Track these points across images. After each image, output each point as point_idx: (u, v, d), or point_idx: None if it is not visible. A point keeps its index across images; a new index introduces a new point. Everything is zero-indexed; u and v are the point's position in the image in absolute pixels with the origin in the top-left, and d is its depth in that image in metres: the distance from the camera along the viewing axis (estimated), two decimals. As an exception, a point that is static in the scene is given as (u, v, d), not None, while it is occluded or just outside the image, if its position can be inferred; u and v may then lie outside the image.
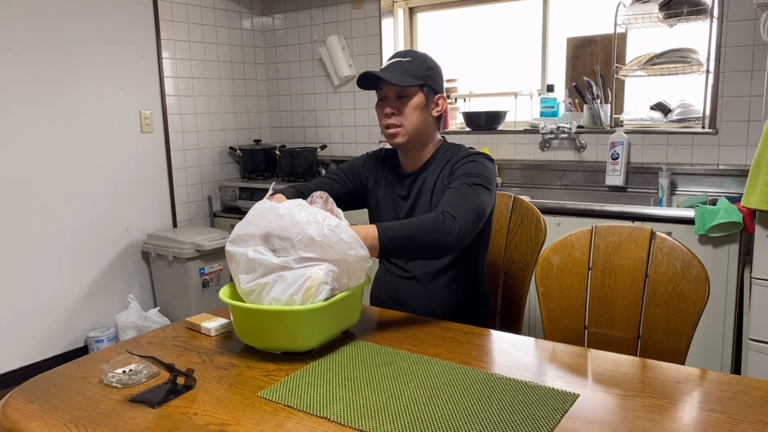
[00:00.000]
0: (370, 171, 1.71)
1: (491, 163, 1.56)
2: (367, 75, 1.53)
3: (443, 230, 1.35)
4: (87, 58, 3.02)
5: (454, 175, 1.52)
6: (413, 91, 1.54)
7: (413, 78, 1.52)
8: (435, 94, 1.59)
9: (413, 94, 1.54)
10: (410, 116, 1.54)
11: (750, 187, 1.88)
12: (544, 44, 3.16)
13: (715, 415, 0.98)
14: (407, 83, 1.51)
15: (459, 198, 1.42)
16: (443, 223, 1.36)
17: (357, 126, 3.68)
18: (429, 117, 1.58)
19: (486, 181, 1.49)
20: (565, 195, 2.95)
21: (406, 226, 1.37)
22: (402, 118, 1.54)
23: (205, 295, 3.19)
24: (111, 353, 1.29)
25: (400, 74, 1.51)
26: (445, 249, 1.39)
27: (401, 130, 1.54)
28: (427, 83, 1.55)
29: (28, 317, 2.87)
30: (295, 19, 3.82)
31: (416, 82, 1.53)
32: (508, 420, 0.97)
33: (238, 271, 1.25)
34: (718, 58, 2.55)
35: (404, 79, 1.51)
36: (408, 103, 1.54)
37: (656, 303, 1.43)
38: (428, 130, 1.60)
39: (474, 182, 1.47)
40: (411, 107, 1.54)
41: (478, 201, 1.43)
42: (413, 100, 1.54)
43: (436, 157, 1.62)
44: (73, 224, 3.02)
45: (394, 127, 1.55)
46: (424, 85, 1.55)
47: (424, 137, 1.60)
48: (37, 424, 1.02)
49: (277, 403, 1.05)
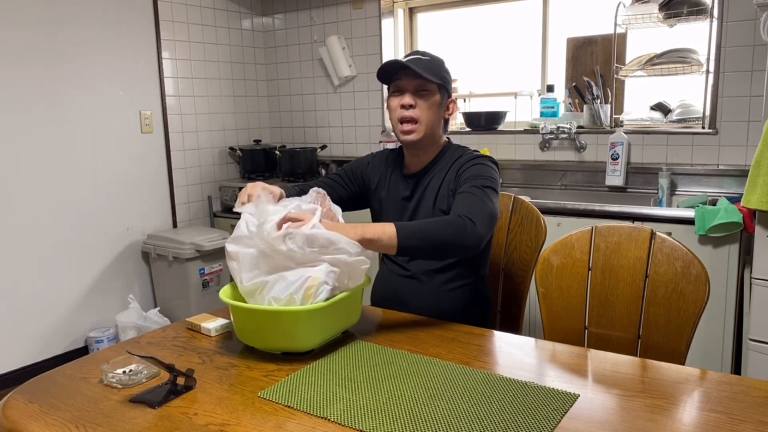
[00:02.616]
0: (373, 172, 1.71)
1: (496, 166, 1.57)
2: (390, 64, 1.52)
3: (464, 233, 1.35)
4: (87, 58, 3.02)
5: (462, 178, 1.52)
6: (433, 88, 1.53)
7: (435, 76, 1.52)
8: (449, 96, 1.60)
9: (433, 92, 1.54)
10: (427, 112, 1.53)
11: (750, 187, 1.88)
12: (544, 44, 3.16)
13: (716, 415, 0.98)
14: (432, 78, 1.51)
15: (475, 202, 1.43)
16: (464, 226, 1.36)
17: (357, 126, 3.69)
18: (441, 118, 1.59)
19: (495, 184, 1.50)
20: (565, 195, 2.95)
21: (425, 226, 1.37)
22: (419, 111, 1.52)
23: (205, 295, 3.19)
24: (111, 353, 1.29)
25: (422, 69, 1.50)
26: (464, 251, 1.39)
27: (417, 127, 1.53)
28: (444, 85, 1.56)
29: (28, 317, 2.87)
30: (295, 19, 3.82)
31: (437, 80, 1.53)
32: (508, 420, 0.97)
33: (241, 270, 1.25)
34: (718, 58, 2.55)
35: (430, 75, 1.51)
36: (428, 98, 1.53)
37: (656, 303, 1.43)
38: (438, 132, 1.61)
39: (484, 185, 1.47)
40: (430, 102, 1.53)
41: (491, 205, 1.44)
42: (434, 98, 1.54)
43: (441, 157, 1.62)
44: (73, 224, 3.02)
45: (411, 121, 1.53)
46: (442, 86, 1.55)
47: (434, 137, 1.60)
48: (37, 424, 1.02)
49: (277, 404, 1.05)
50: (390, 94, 1.58)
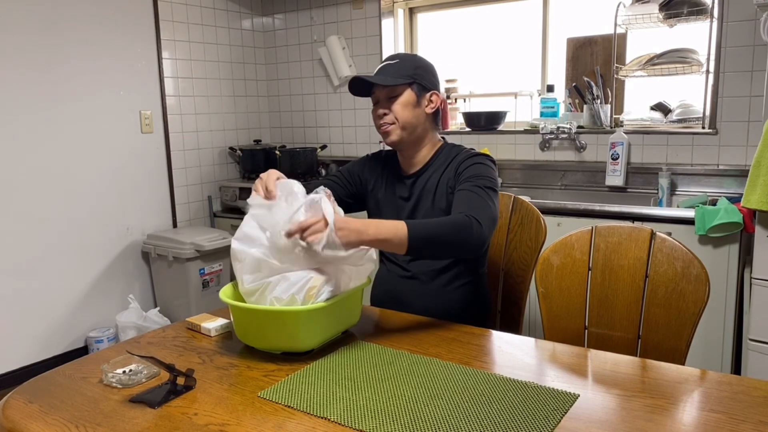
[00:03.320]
0: (369, 173, 1.72)
1: (494, 164, 1.59)
2: (357, 81, 1.58)
3: (471, 233, 1.36)
4: (87, 58, 3.02)
5: (462, 176, 1.53)
6: (401, 89, 1.57)
7: (401, 78, 1.56)
8: (426, 91, 1.61)
9: (402, 93, 1.58)
10: (400, 113, 1.57)
11: (750, 187, 1.88)
12: (544, 44, 3.16)
13: (715, 415, 0.98)
14: (393, 83, 1.56)
15: (478, 202, 1.43)
16: (470, 226, 1.36)
17: (357, 126, 3.68)
18: (422, 114, 1.60)
19: (495, 185, 1.51)
20: (565, 195, 2.95)
21: (434, 225, 1.37)
22: (393, 115, 1.58)
23: (205, 295, 3.19)
24: (111, 353, 1.29)
25: (388, 76, 1.56)
26: (469, 251, 1.40)
27: (392, 127, 1.58)
28: (416, 81, 1.58)
29: (28, 317, 2.87)
30: (295, 19, 3.82)
31: (403, 81, 1.56)
32: (508, 420, 0.97)
33: (243, 271, 1.25)
34: (718, 58, 2.55)
35: (390, 80, 1.56)
36: (399, 101, 1.57)
37: (656, 303, 1.43)
38: (423, 128, 1.62)
39: (485, 185, 1.48)
40: (400, 104, 1.57)
41: (493, 208, 1.45)
42: (402, 98, 1.57)
43: (437, 157, 1.63)
44: (73, 224, 3.02)
45: (386, 125, 1.58)
46: (413, 83, 1.58)
47: (419, 134, 1.61)
48: (37, 424, 1.02)
49: (277, 404, 1.05)
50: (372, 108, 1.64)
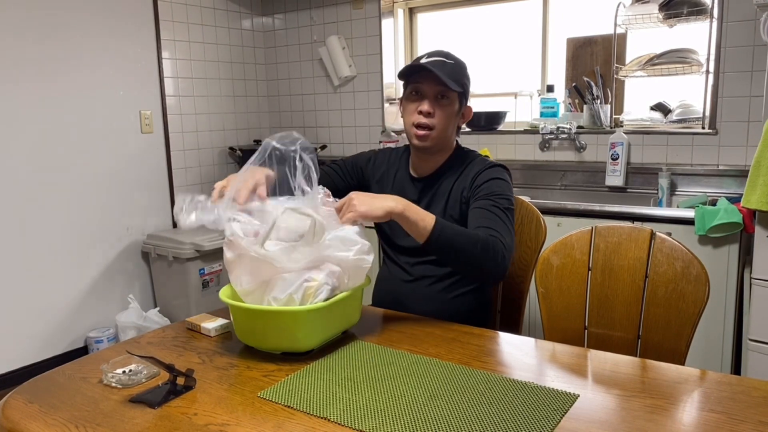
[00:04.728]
0: (375, 169, 1.69)
1: (511, 178, 1.55)
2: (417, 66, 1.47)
3: (495, 257, 1.33)
4: (87, 58, 3.02)
5: (479, 191, 1.48)
6: (453, 96, 1.50)
7: (455, 83, 1.48)
8: (466, 103, 1.56)
9: (453, 100, 1.50)
10: (444, 121, 1.50)
11: (750, 187, 1.88)
12: (544, 44, 3.16)
13: (715, 415, 0.98)
14: (455, 88, 1.47)
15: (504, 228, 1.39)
16: (495, 249, 1.33)
17: (357, 126, 3.68)
18: (455, 125, 1.56)
19: (513, 204, 1.48)
20: (565, 195, 2.95)
21: (461, 238, 1.34)
22: (436, 120, 1.49)
23: (205, 295, 3.19)
24: (111, 353, 1.29)
25: (446, 75, 1.46)
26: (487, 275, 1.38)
27: (432, 134, 1.50)
28: (464, 92, 1.53)
29: (28, 317, 2.87)
30: (295, 19, 3.82)
31: (458, 89, 1.49)
32: (508, 420, 0.97)
33: (239, 273, 1.25)
34: (718, 58, 2.55)
35: (452, 83, 1.46)
36: (446, 107, 1.50)
37: (656, 303, 1.43)
38: (451, 138, 1.58)
39: (505, 206, 1.44)
40: (448, 112, 1.50)
41: (513, 233, 1.42)
42: (451, 107, 1.50)
43: (450, 161, 1.59)
44: (73, 224, 3.02)
45: (426, 128, 1.49)
46: (462, 94, 1.52)
47: (447, 144, 1.58)
48: (37, 424, 1.02)
49: (277, 404, 1.05)
50: (407, 95, 1.54)
